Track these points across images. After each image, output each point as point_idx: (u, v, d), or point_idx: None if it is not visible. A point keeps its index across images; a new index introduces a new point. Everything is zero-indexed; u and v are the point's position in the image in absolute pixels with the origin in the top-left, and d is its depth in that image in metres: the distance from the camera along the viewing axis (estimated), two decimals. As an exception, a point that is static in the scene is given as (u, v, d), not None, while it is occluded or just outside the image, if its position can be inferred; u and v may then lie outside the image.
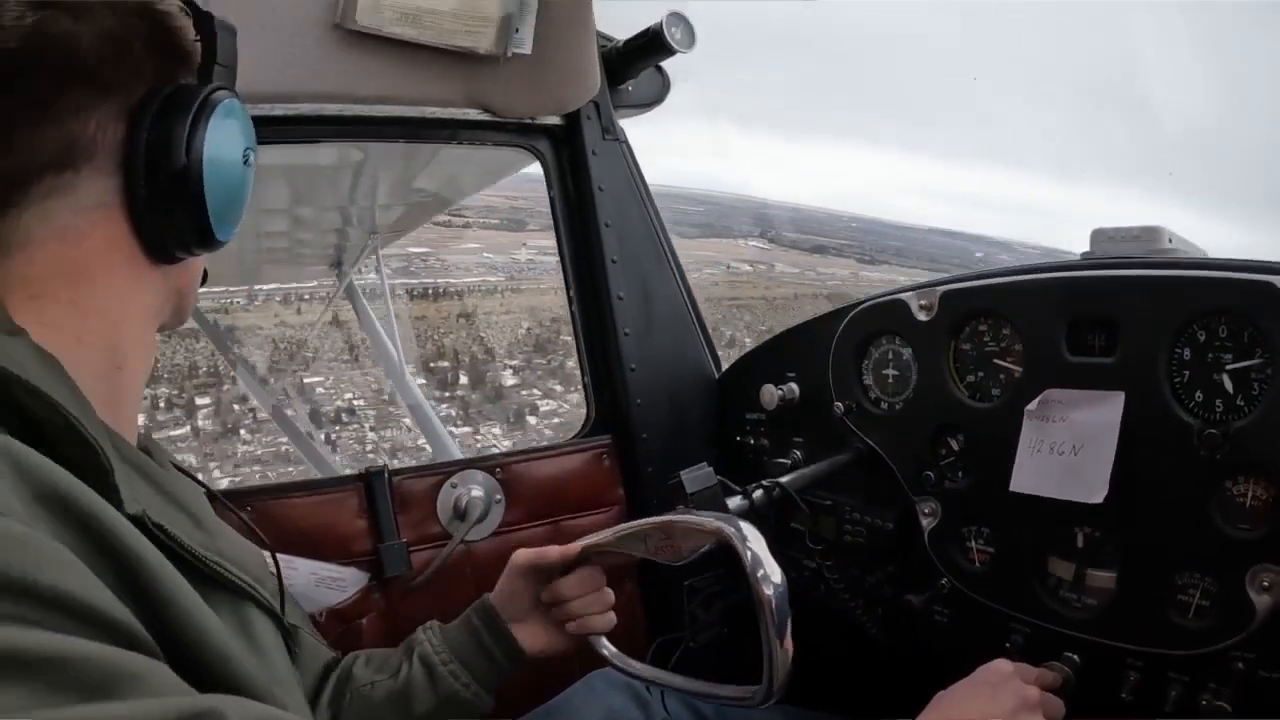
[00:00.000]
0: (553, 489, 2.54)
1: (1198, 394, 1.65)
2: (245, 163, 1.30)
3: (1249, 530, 1.58)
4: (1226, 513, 1.61)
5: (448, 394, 22.69)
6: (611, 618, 1.84)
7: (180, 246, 1.24)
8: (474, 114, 2.54)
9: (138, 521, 1.03)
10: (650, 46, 2.66)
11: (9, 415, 0.98)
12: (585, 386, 2.74)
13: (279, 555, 1.75)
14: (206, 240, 1.24)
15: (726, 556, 1.50)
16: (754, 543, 1.46)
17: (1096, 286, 1.80)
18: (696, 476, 1.87)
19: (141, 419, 1.39)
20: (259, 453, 19.54)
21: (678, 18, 2.60)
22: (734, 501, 1.95)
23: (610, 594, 1.84)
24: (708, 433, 2.76)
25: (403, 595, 2.32)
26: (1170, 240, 1.86)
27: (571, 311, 2.73)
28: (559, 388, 22.68)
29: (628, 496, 2.66)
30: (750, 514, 1.97)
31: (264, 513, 2.21)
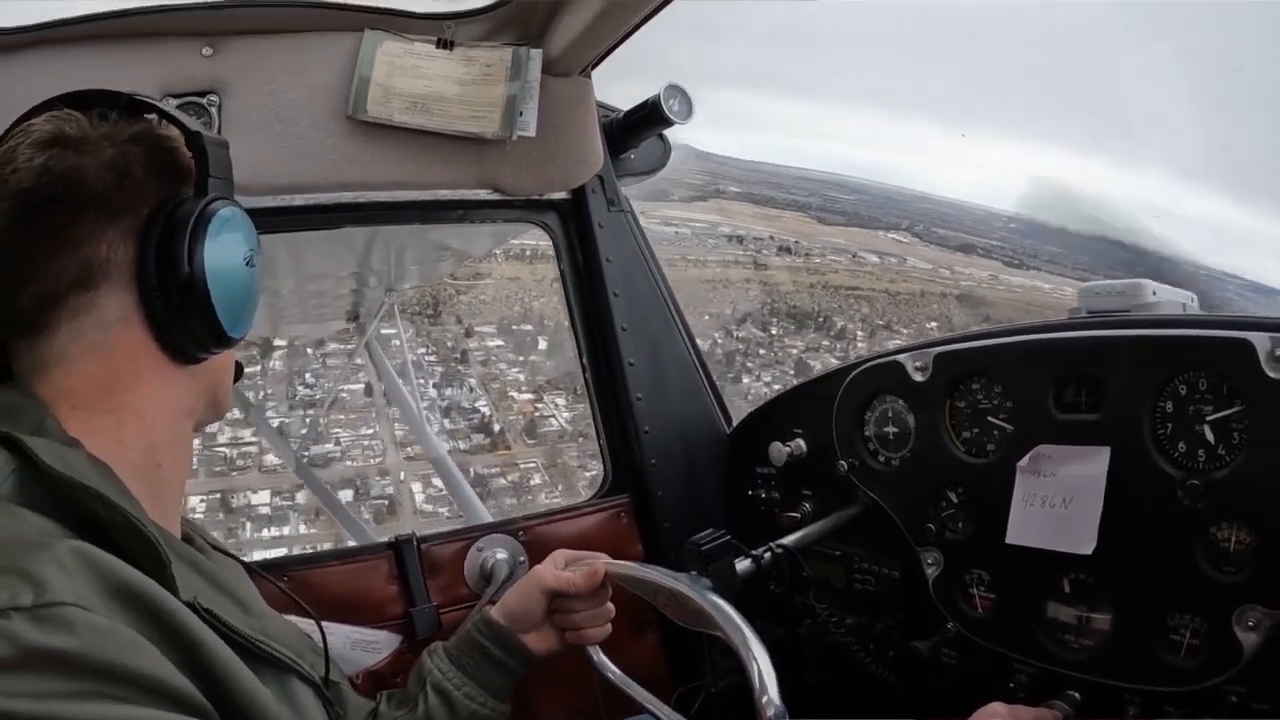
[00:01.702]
0: (573, 548, 2.63)
1: (1180, 445, 1.75)
2: (248, 264, 1.40)
3: (1234, 573, 1.67)
4: (1211, 557, 1.70)
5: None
6: (607, 629, 1.96)
7: (199, 348, 1.36)
8: (484, 194, 2.66)
9: (191, 608, 1.16)
10: (650, 118, 2.77)
11: (77, 519, 1.11)
12: (601, 449, 2.84)
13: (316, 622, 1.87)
14: (222, 339, 1.36)
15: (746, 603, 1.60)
16: (761, 661, 1.55)
17: (1081, 347, 1.91)
18: (710, 545, 1.94)
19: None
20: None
21: (675, 90, 2.71)
22: (744, 564, 2.02)
23: (611, 608, 1.97)
24: (721, 488, 2.85)
25: (434, 656, 2.41)
26: (1154, 293, 1.97)
27: (585, 378, 2.83)
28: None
29: (646, 552, 2.75)
30: (759, 575, 2.06)
31: (301, 581, 2.32)
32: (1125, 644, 1.83)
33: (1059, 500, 1.87)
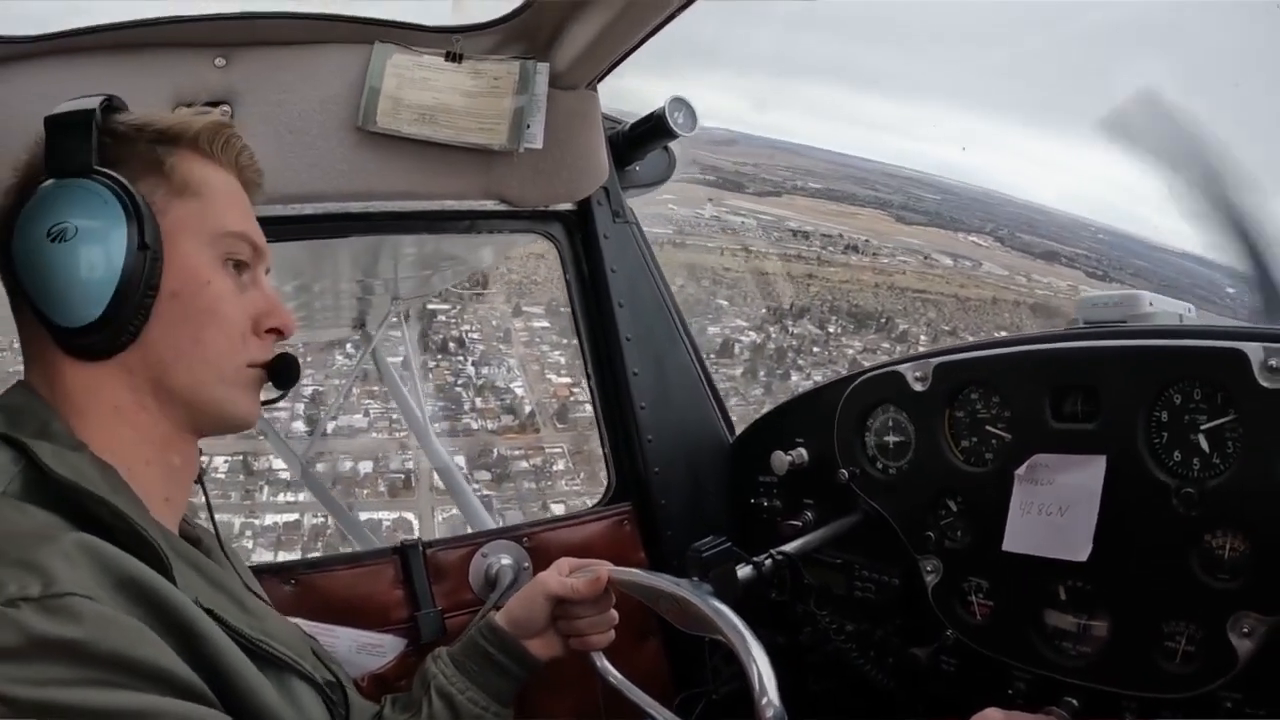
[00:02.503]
0: (577, 555, 2.64)
1: (1175, 454, 1.77)
2: (55, 240, 1.28)
3: (1228, 580, 1.69)
4: (1206, 564, 1.72)
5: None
6: (610, 635, 1.98)
7: (63, 338, 1.31)
8: (490, 205, 2.69)
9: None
10: (655, 131, 2.81)
11: (81, 517, 1.15)
12: (605, 457, 2.87)
13: (322, 625, 1.90)
14: (58, 328, 1.30)
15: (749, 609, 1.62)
16: (760, 663, 1.56)
17: (1077, 357, 1.93)
18: (711, 552, 1.95)
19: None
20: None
21: (680, 103, 2.74)
22: (745, 570, 2.04)
23: (614, 615, 1.99)
24: (723, 496, 2.87)
25: (439, 660, 2.44)
26: (1151, 304, 1.99)
27: (590, 387, 2.86)
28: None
29: (649, 559, 2.77)
30: (760, 582, 2.08)
31: (307, 585, 2.35)
32: (1122, 651, 1.85)
33: (1055, 508, 1.90)
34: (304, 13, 2.33)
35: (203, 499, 1.60)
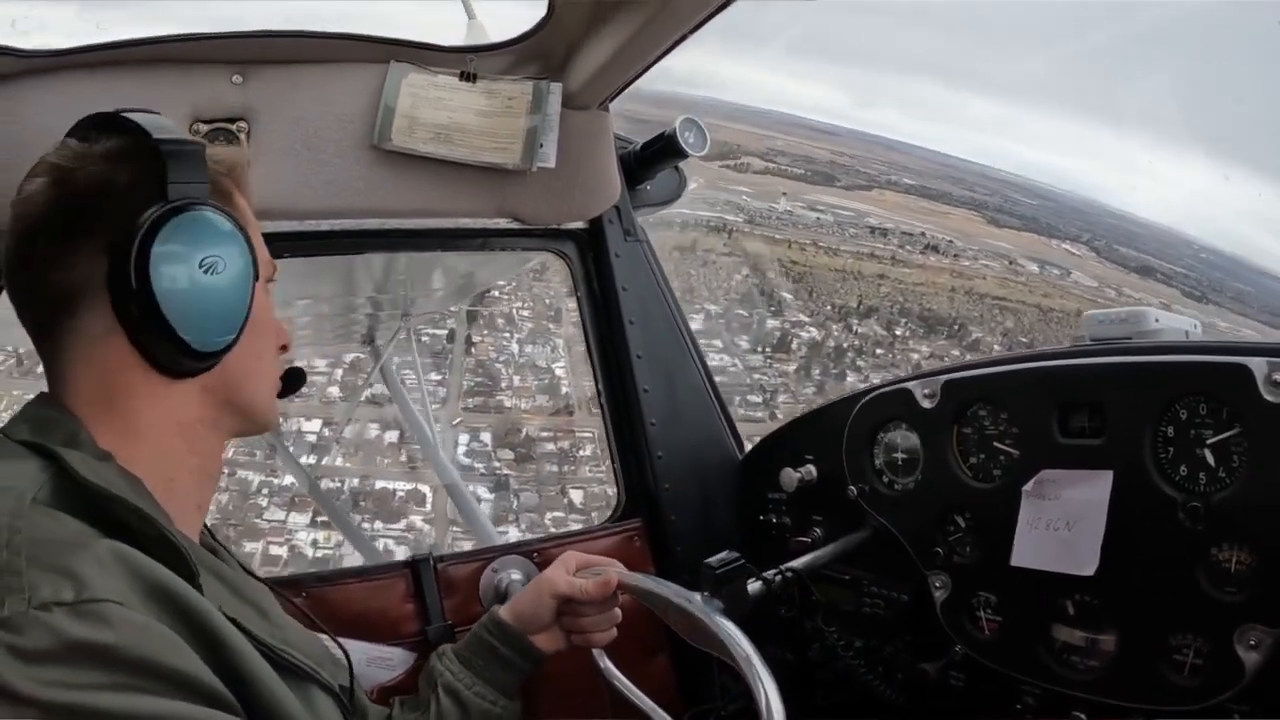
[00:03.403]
0: None
1: (1182, 468, 1.79)
2: (207, 271, 1.34)
3: (1235, 593, 1.71)
4: (1213, 577, 1.74)
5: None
6: (613, 633, 2.02)
7: (176, 363, 1.35)
8: (503, 223, 2.71)
9: None
10: (666, 151, 2.84)
11: (110, 525, 1.17)
12: (616, 473, 2.89)
13: (333, 637, 1.91)
14: (194, 354, 1.34)
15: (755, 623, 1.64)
16: (768, 688, 1.59)
17: (1084, 373, 1.96)
18: (724, 569, 1.94)
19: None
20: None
21: (690, 123, 2.78)
22: (754, 585, 2.05)
23: (618, 613, 2.02)
24: (732, 513, 2.89)
25: (449, 674, 2.45)
26: (1157, 320, 2.02)
27: (600, 404, 2.89)
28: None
29: (659, 575, 2.76)
30: (769, 598, 2.10)
31: (319, 598, 2.36)
32: (1129, 664, 1.86)
33: (1063, 523, 1.91)
34: (321, 32, 2.36)
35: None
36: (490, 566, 2.59)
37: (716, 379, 3.01)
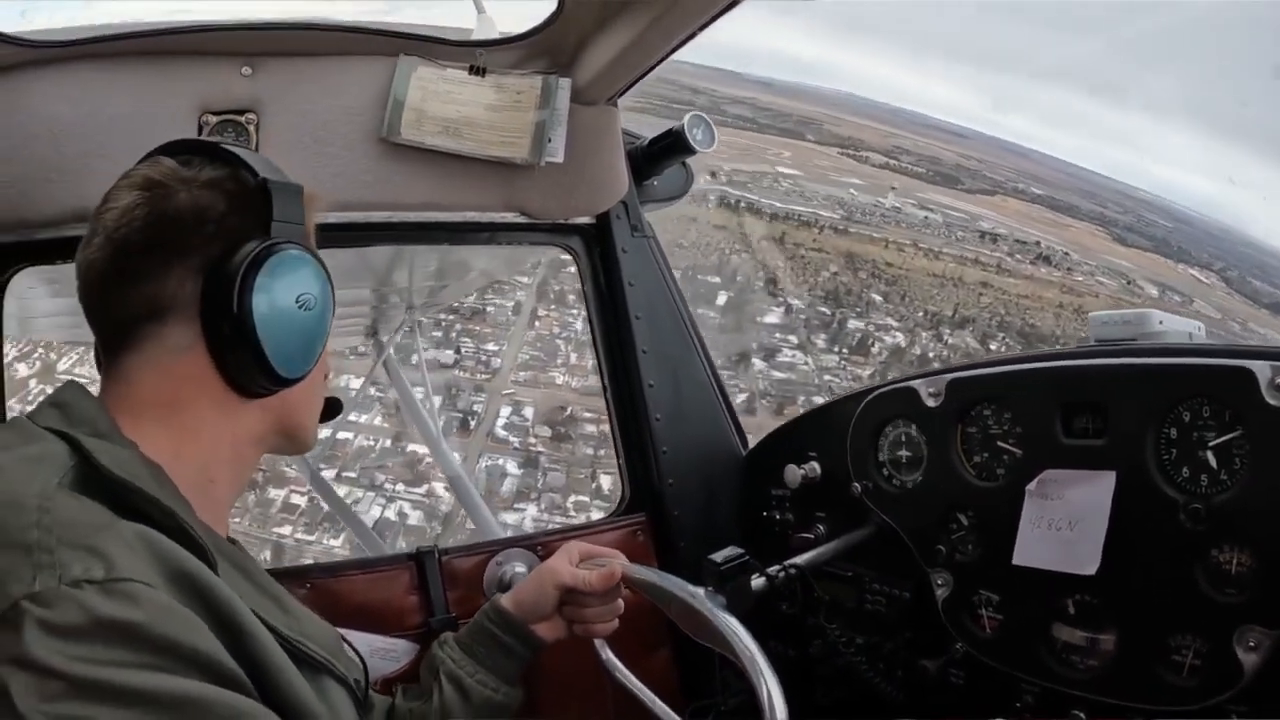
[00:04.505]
0: None
1: (1184, 470, 1.80)
2: (303, 307, 1.44)
3: (1234, 594, 1.72)
4: (1212, 579, 1.75)
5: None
6: (614, 624, 2.03)
7: (254, 384, 1.43)
8: (511, 217, 2.72)
9: None
10: (674, 147, 2.85)
11: (131, 513, 1.20)
12: (620, 468, 2.89)
13: (337, 629, 1.92)
14: (273, 377, 1.42)
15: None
16: (770, 684, 1.60)
17: (1088, 375, 1.96)
18: (728, 565, 1.95)
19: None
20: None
21: (699, 119, 2.79)
22: (758, 581, 2.06)
23: (620, 605, 2.03)
24: (736, 509, 2.89)
25: (452, 665, 2.46)
26: (1161, 323, 2.02)
27: (606, 399, 2.89)
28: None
29: (662, 569, 2.77)
30: (772, 595, 2.11)
31: (323, 589, 2.37)
32: (1129, 664, 1.87)
33: (1065, 523, 1.92)
34: (331, 24, 2.38)
35: None
36: (494, 559, 2.60)
37: (781, 376, 3.02)
